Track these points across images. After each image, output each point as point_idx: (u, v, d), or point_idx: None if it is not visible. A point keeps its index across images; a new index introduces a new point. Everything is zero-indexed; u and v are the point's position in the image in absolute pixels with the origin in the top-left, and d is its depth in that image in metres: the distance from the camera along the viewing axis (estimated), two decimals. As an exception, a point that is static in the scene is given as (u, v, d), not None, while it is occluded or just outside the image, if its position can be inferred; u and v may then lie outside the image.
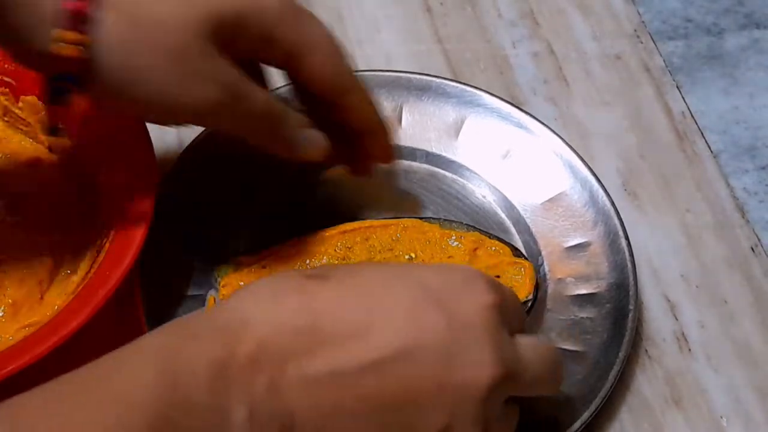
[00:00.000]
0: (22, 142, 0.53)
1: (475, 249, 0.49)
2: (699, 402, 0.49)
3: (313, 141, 0.46)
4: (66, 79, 0.38)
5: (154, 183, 0.46)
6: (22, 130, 0.53)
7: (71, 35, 0.37)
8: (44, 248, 0.49)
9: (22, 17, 0.37)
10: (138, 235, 0.44)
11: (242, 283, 0.48)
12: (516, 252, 0.50)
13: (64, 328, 0.42)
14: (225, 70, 0.41)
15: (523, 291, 0.48)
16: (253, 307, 0.35)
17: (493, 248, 0.49)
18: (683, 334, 0.51)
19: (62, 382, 0.34)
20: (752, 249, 0.55)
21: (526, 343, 0.39)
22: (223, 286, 0.48)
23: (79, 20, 0.37)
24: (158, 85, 0.40)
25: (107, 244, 0.46)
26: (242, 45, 0.42)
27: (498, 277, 0.45)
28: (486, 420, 0.37)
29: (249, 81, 0.43)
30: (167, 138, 0.56)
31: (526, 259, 0.49)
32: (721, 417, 0.49)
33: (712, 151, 0.59)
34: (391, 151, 0.50)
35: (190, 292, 0.48)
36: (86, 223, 0.50)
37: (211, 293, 0.48)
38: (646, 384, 0.49)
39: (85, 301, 0.43)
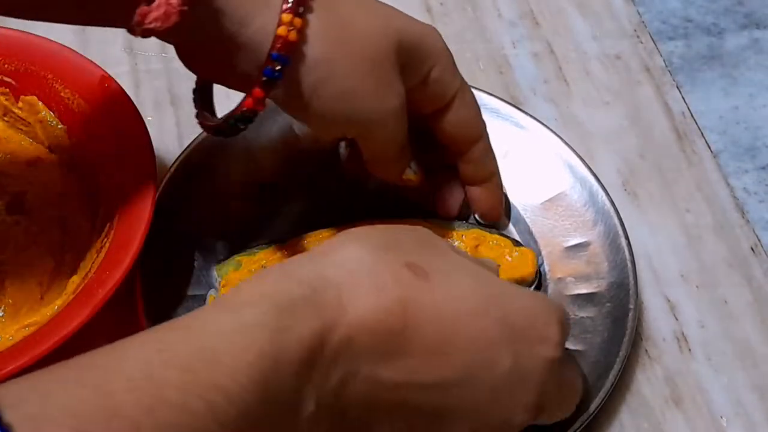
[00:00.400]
0: (22, 142, 0.53)
1: (477, 246, 0.49)
2: (699, 402, 0.49)
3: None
4: (281, 60, 0.39)
5: (154, 183, 0.46)
6: (22, 130, 0.53)
7: (295, 19, 0.39)
8: (44, 248, 0.49)
9: (250, 1, 0.39)
10: (138, 236, 0.44)
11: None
12: (516, 243, 0.50)
13: (64, 328, 0.42)
14: (401, 87, 0.43)
15: (525, 271, 0.49)
16: (352, 291, 0.34)
17: (494, 242, 0.49)
18: (683, 333, 0.51)
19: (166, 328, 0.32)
20: (752, 249, 0.55)
21: (564, 384, 0.41)
22: (223, 286, 0.48)
23: (299, 6, 0.39)
24: (349, 87, 0.41)
25: (107, 245, 0.46)
26: (407, 72, 0.44)
27: (499, 266, 0.45)
28: None
29: None
30: (167, 138, 0.56)
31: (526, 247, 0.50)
32: (721, 417, 0.49)
33: (712, 151, 0.59)
34: (499, 210, 0.51)
35: (190, 292, 0.48)
36: (86, 223, 0.51)
37: (211, 293, 0.48)
38: (645, 384, 0.49)
39: (85, 301, 0.43)
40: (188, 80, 0.45)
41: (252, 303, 0.33)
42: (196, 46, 0.41)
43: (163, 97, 0.58)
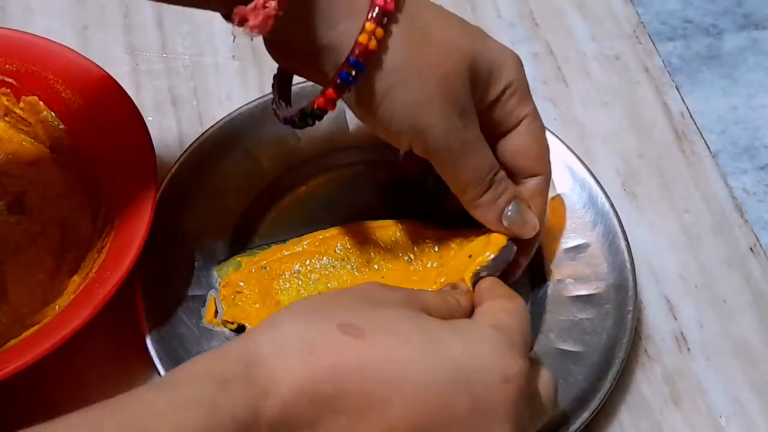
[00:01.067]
0: (24, 143, 0.53)
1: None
2: (698, 401, 0.49)
3: (516, 210, 0.46)
4: (357, 66, 0.40)
5: (154, 183, 0.46)
6: (23, 130, 0.53)
7: (377, 29, 0.40)
8: (45, 248, 0.50)
9: (339, 6, 0.40)
10: (139, 236, 0.44)
11: (242, 283, 0.48)
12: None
13: (65, 328, 0.42)
14: (471, 106, 0.43)
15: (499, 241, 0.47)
16: (282, 362, 0.34)
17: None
18: (682, 333, 0.52)
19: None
20: (751, 249, 0.55)
21: (541, 392, 0.40)
22: (223, 287, 0.48)
23: (384, 16, 0.40)
24: (416, 99, 0.41)
25: (108, 244, 0.46)
26: (476, 92, 0.44)
27: (470, 290, 0.45)
28: None
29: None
30: (167, 138, 0.56)
31: None
32: (720, 416, 0.49)
33: (710, 151, 0.59)
34: (527, 258, 0.48)
35: (190, 293, 0.48)
36: (87, 223, 0.51)
37: (212, 293, 0.48)
38: (645, 383, 0.49)
39: (85, 301, 0.43)
40: (188, 80, 0.45)
41: (189, 381, 0.34)
42: (282, 41, 0.42)
43: (163, 97, 0.58)
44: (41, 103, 0.52)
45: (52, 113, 0.52)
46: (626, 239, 0.50)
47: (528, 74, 0.46)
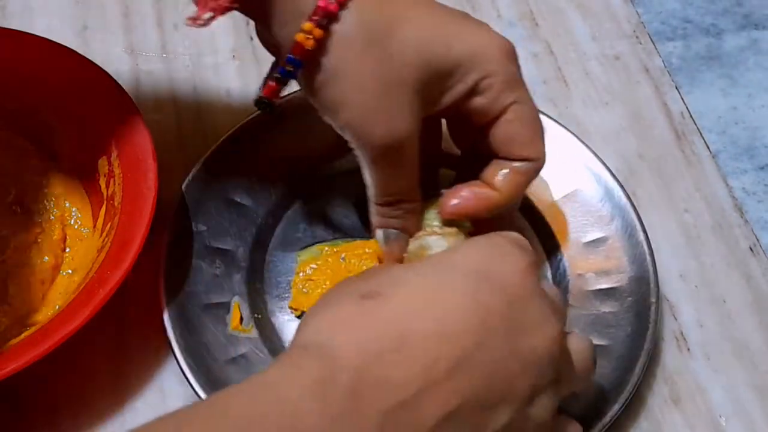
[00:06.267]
0: (23, 143, 0.53)
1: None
2: (698, 401, 0.49)
3: (398, 241, 0.47)
4: (294, 63, 0.42)
5: (155, 183, 0.46)
6: (23, 130, 0.53)
7: (315, 29, 0.41)
8: (45, 248, 0.49)
9: (289, 7, 0.42)
10: (139, 235, 0.44)
11: (311, 268, 0.49)
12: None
13: (65, 328, 0.42)
14: (411, 116, 0.44)
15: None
16: (337, 337, 0.35)
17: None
18: (682, 333, 0.52)
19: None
20: (751, 249, 0.55)
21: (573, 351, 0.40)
22: (297, 273, 0.49)
23: (325, 17, 0.41)
24: (348, 101, 0.43)
25: (108, 244, 0.46)
26: (440, 89, 0.44)
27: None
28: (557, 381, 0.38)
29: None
30: (167, 138, 0.56)
31: None
32: (720, 416, 0.49)
33: (710, 152, 0.59)
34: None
35: (213, 300, 0.48)
36: (87, 223, 0.51)
37: (235, 300, 0.48)
38: (644, 383, 0.49)
39: (86, 300, 0.43)
40: (188, 81, 0.45)
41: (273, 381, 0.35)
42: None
43: (163, 97, 0.58)
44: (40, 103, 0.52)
45: (52, 114, 0.52)
46: (644, 231, 0.51)
47: (528, 74, 0.46)
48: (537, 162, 0.46)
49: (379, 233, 0.47)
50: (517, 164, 0.46)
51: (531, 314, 0.38)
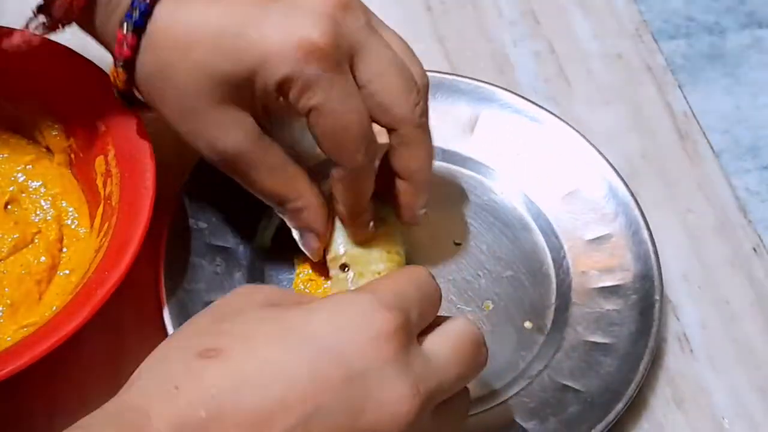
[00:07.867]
0: (21, 142, 0.53)
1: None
2: (700, 403, 0.49)
3: (308, 240, 0.48)
4: (123, 65, 0.45)
5: (153, 183, 0.46)
6: (22, 130, 0.53)
7: (128, 37, 0.44)
8: (42, 248, 0.49)
9: (103, 15, 0.45)
10: (137, 236, 0.44)
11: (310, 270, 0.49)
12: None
13: (63, 329, 0.42)
14: (236, 125, 0.44)
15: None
16: (154, 398, 0.34)
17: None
18: (685, 334, 0.51)
19: None
20: (754, 249, 0.55)
21: (436, 343, 0.38)
22: (297, 274, 0.49)
23: (121, 61, 0.44)
24: (176, 127, 0.46)
25: (106, 244, 0.46)
26: (260, 101, 0.44)
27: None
28: None
29: (264, 136, 0.45)
30: (167, 138, 0.56)
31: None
32: (723, 418, 0.48)
33: (714, 151, 0.59)
34: (414, 211, 0.47)
35: (213, 298, 0.47)
36: (85, 223, 0.50)
37: None
38: (647, 384, 0.49)
39: (83, 301, 0.43)
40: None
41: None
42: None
43: (163, 96, 0.58)
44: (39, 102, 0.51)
45: (50, 113, 0.51)
46: (648, 229, 0.50)
47: (529, 73, 0.46)
48: (344, 168, 0.44)
49: (294, 233, 0.47)
50: (332, 171, 0.45)
51: (375, 390, 0.35)
